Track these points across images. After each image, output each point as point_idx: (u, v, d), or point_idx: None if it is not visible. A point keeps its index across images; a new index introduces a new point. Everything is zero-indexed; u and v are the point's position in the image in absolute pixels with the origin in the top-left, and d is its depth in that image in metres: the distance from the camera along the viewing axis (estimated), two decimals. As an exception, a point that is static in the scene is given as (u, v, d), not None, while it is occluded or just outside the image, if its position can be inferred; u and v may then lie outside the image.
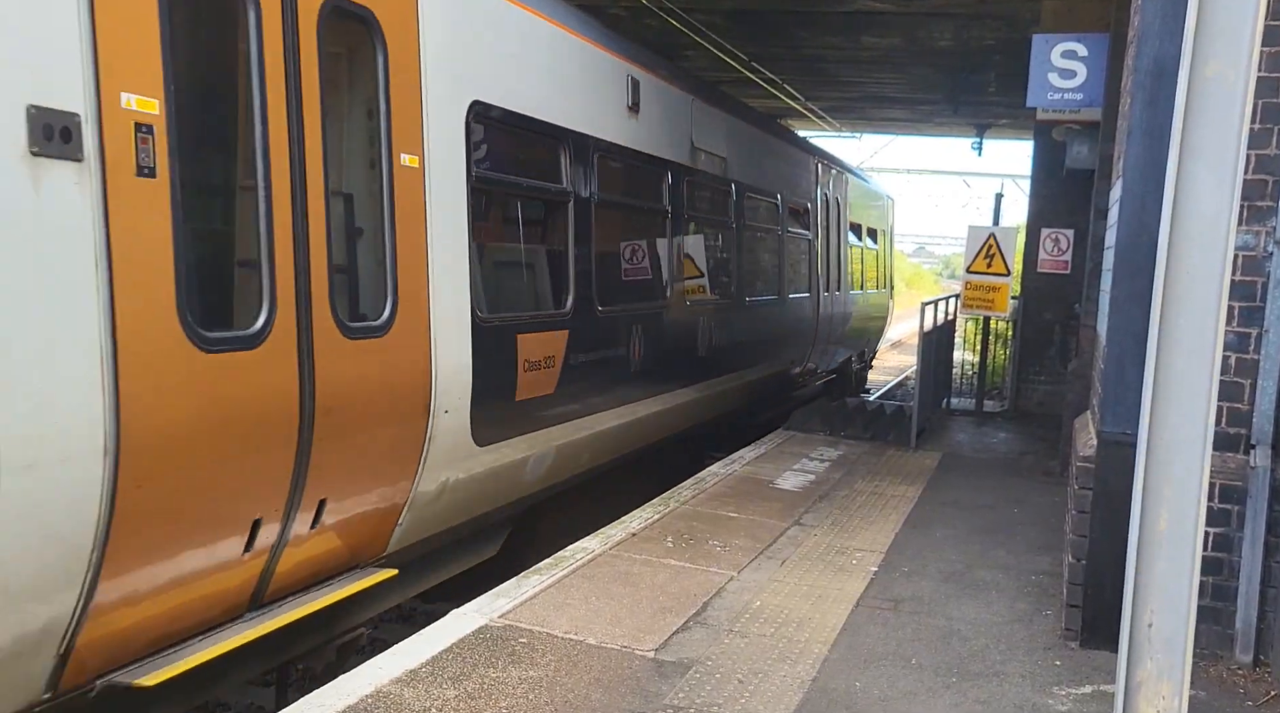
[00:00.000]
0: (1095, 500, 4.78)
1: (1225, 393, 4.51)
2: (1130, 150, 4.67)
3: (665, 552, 6.09)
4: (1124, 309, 4.67)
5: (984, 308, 12.08)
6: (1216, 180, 2.91)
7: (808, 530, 6.77)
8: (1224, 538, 4.65)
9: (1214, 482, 4.49)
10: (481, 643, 4.56)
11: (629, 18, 13.57)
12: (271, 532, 4.35)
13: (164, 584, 3.88)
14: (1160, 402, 3.00)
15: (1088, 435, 5.27)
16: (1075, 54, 9.14)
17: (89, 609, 3.58)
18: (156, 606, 3.89)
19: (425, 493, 5.35)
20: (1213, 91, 2.89)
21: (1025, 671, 4.60)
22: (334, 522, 4.72)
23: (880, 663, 4.61)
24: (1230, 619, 4.68)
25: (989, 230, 12.23)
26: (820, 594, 5.49)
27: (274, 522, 4.34)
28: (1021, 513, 7.56)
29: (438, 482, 5.41)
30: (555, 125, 6.48)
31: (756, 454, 9.38)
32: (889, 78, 18.34)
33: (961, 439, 10.98)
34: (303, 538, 4.55)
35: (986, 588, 5.76)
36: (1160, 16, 4.51)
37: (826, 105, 22.03)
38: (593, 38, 7.08)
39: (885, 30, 14.45)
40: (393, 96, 4.91)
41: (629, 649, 4.59)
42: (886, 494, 7.98)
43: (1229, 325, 4.43)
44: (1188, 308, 2.96)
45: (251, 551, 4.26)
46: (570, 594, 5.25)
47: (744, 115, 10.81)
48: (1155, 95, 4.52)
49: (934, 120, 24.05)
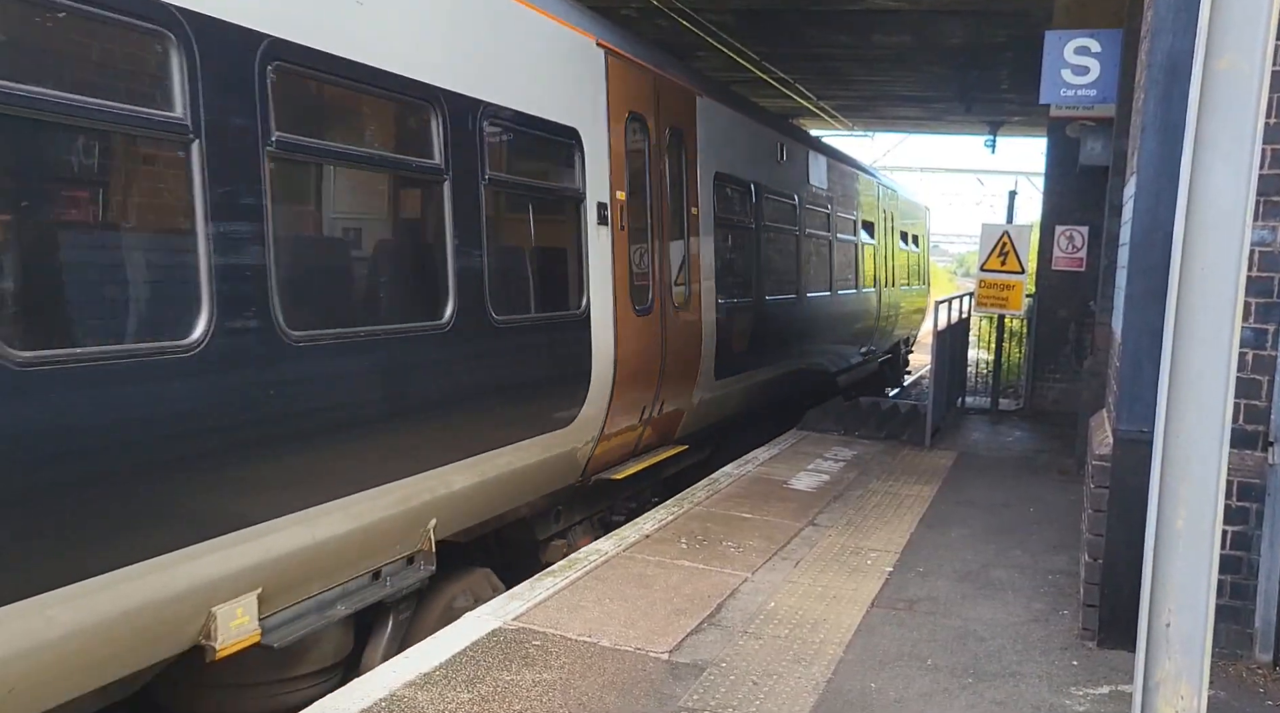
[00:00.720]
0: (1112, 499, 4.75)
1: (1242, 389, 4.46)
2: (1144, 146, 4.64)
3: (679, 553, 6.07)
4: (1139, 306, 4.64)
5: (998, 306, 12.02)
6: (1232, 175, 2.89)
7: (822, 531, 6.74)
8: (1242, 536, 4.61)
9: (1232, 479, 4.44)
10: (495, 646, 4.56)
11: (640, 18, 13.56)
12: (646, 414, 7.74)
13: (619, 432, 7.31)
14: (1177, 399, 2.98)
15: (1104, 434, 5.23)
16: (1088, 50, 9.08)
17: (598, 441, 6.97)
18: (613, 445, 7.29)
19: (694, 404, 8.70)
20: (1227, 85, 2.87)
21: (1042, 671, 4.56)
22: (663, 414, 8.09)
23: (896, 664, 4.58)
24: (1249, 618, 4.63)
25: (1003, 228, 12.18)
26: (835, 595, 5.47)
27: (648, 409, 7.74)
28: (1037, 512, 7.52)
29: (699, 398, 8.81)
30: (746, 180, 10.26)
31: (770, 455, 9.35)
32: (901, 76, 18.28)
33: (976, 438, 10.93)
34: (652, 420, 7.91)
35: (1003, 588, 5.73)
36: (1173, 11, 4.47)
37: (838, 104, 21.98)
38: (762, 121, 11.05)
39: (896, 28, 14.39)
40: (686, 173, 8.52)
41: (643, 652, 4.58)
42: (901, 494, 7.95)
43: (1246, 321, 4.39)
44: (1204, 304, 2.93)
45: (639, 421, 7.64)
46: (584, 596, 5.24)
47: (835, 154, 14.73)
48: (1169, 90, 4.48)
49: (946, 118, 23.96)
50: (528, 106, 6.03)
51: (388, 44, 4.83)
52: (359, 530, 4.70)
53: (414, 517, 5.10)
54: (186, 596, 3.85)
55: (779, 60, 16.56)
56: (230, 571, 4.02)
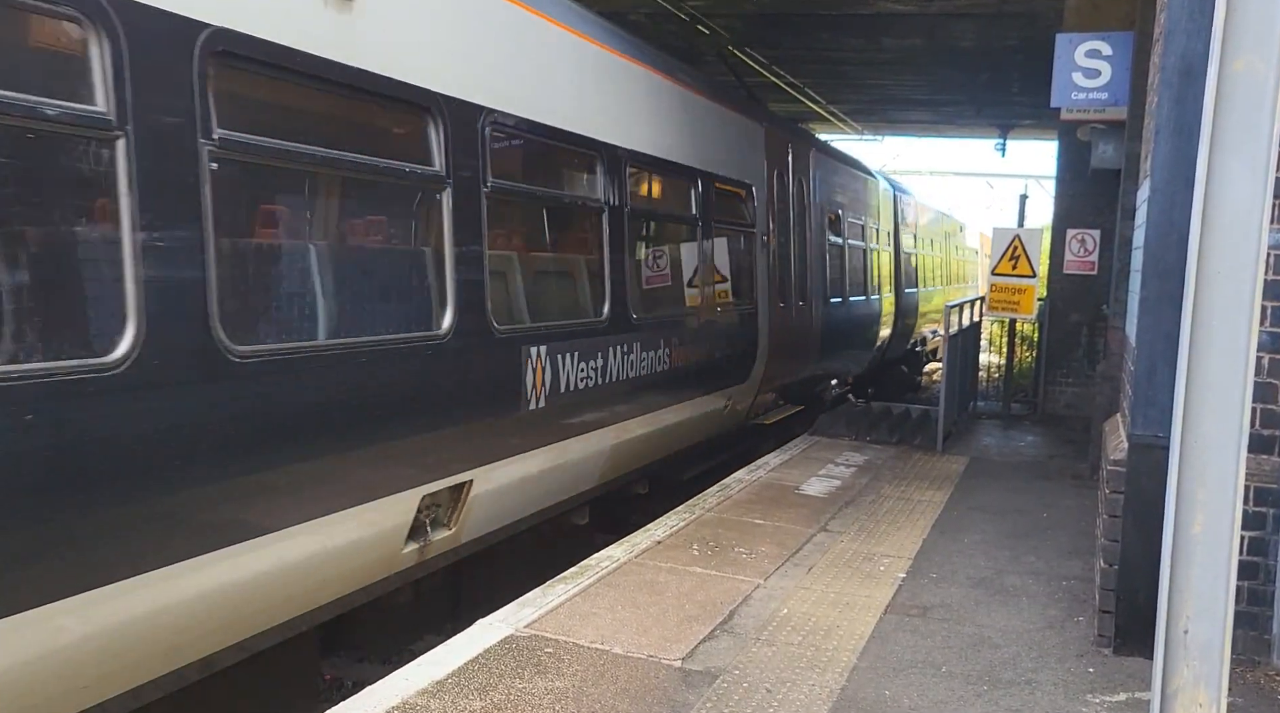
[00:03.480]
0: (1127, 505, 4.71)
1: (1259, 394, 4.43)
2: (1158, 149, 4.61)
3: (691, 559, 6.05)
4: (1154, 310, 4.61)
5: (1009, 310, 11.96)
6: (1248, 177, 2.86)
7: (834, 537, 6.72)
8: (1259, 542, 4.57)
9: (1248, 485, 4.40)
10: (508, 653, 4.54)
11: (649, 23, 13.57)
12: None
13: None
14: (1193, 404, 2.95)
15: (1118, 439, 5.20)
16: (1099, 53, 9.06)
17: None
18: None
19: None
20: (1242, 87, 2.84)
21: (1058, 678, 4.53)
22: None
23: (910, 671, 4.56)
24: (1267, 624, 4.60)
25: (1014, 232, 12.12)
26: (848, 602, 5.44)
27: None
28: (1051, 517, 7.48)
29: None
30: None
31: (781, 460, 9.33)
32: (910, 79, 18.26)
33: (989, 443, 10.89)
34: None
35: (1017, 594, 5.69)
36: (1187, 13, 4.45)
37: (848, 108, 21.97)
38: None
39: (907, 31, 14.38)
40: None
41: (655, 659, 4.56)
42: (913, 499, 7.92)
43: (1262, 325, 4.36)
44: (1220, 308, 2.90)
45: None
46: (596, 603, 5.23)
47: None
48: (1183, 93, 4.46)
49: (956, 122, 23.92)
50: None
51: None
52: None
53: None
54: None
55: (788, 64, 16.56)
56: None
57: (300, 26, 4.27)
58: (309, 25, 4.32)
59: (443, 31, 5.23)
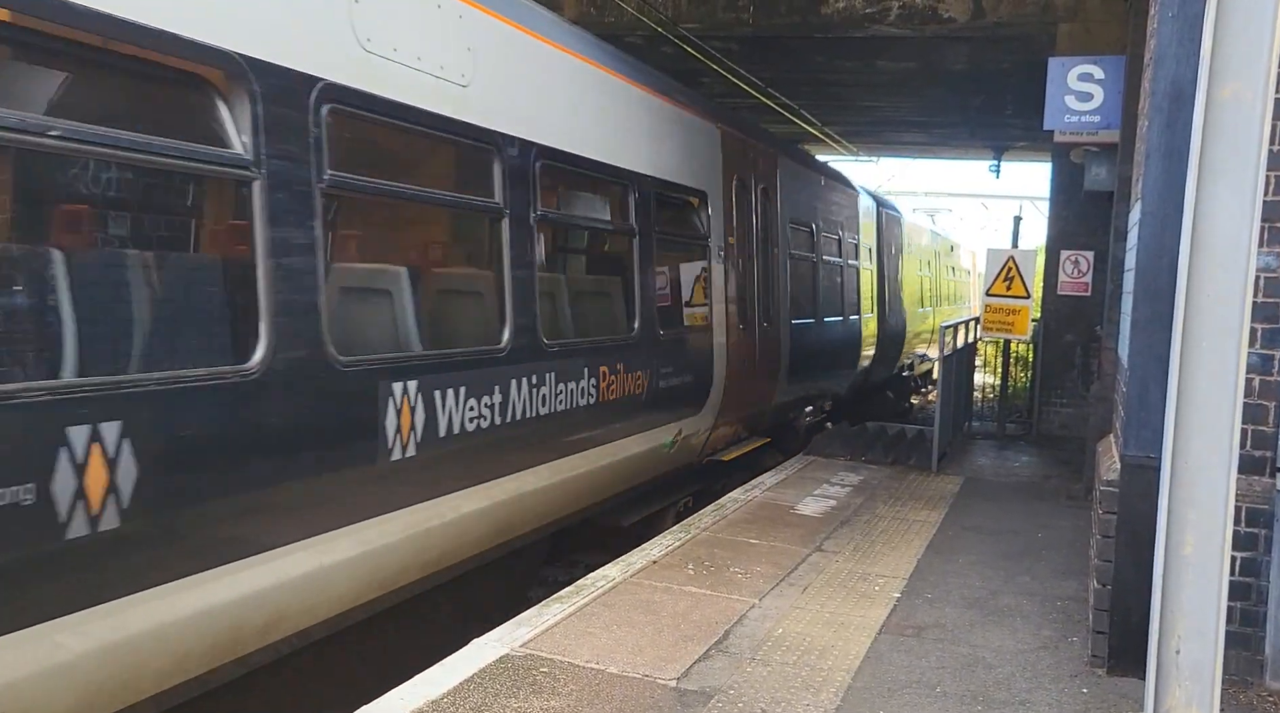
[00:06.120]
0: (1120, 525, 4.74)
1: (1249, 415, 4.45)
2: (1149, 173, 4.66)
3: (686, 579, 6.06)
4: (1145, 331, 4.65)
5: (1004, 331, 12.02)
6: (1236, 201, 2.90)
7: (829, 557, 6.73)
8: (1250, 562, 4.59)
9: (1239, 505, 4.44)
10: (503, 673, 4.55)
11: (645, 45, 13.65)
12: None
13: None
14: (1183, 425, 2.98)
15: (1110, 459, 5.22)
16: (1092, 77, 9.16)
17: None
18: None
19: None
20: (1231, 113, 2.89)
21: (1052, 699, 4.54)
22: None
23: (905, 692, 4.56)
24: (1259, 645, 4.61)
25: (1008, 253, 12.20)
26: (843, 622, 5.45)
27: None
28: (1045, 538, 7.49)
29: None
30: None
31: (777, 480, 9.34)
32: (905, 102, 18.39)
33: (983, 463, 10.91)
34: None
35: (1011, 614, 5.70)
36: (1177, 39, 4.50)
37: (843, 130, 22.08)
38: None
39: (901, 54, 14.50)
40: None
41: (651, 678, 4.57)
42: (908, 519, 7.93)
43: (1251, 347, 4.40)
44: (1209, 330, 2.94)
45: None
46: (592, 623, 5.23)
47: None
48: (1173, 118, 4.51)
49: (951, 143, 24.07)
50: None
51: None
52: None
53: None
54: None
55: (783, 86, 16.66)
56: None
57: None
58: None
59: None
